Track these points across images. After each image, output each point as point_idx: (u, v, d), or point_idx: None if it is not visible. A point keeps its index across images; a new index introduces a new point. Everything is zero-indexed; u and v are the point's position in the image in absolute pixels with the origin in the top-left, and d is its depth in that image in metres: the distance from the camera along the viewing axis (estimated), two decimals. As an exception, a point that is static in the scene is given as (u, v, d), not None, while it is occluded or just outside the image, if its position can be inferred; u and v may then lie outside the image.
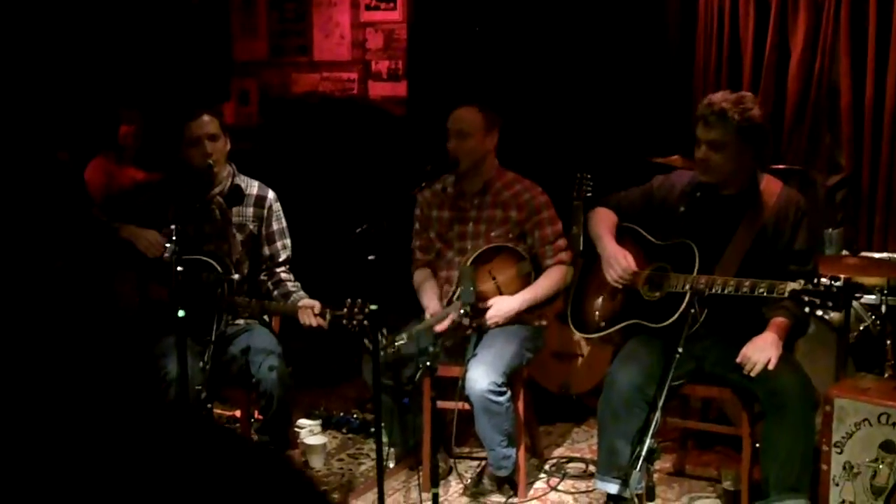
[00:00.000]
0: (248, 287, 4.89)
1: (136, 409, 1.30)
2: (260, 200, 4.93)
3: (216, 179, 4.82)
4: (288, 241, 5.01)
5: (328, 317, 4.56)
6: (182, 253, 4.04)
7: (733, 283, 4.20)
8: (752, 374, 4.25)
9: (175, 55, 7.61)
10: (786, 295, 4.06)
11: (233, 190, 4.84)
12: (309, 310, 4.60)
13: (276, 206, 4.98)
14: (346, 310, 4.49)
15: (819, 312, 4.06)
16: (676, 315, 4.27)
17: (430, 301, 4.96)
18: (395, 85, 7.57)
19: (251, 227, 4.90)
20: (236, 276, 4.77)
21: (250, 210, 4.91)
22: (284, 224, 5.01)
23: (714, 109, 4.28)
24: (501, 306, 4.79)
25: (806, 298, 4.00)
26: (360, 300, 4.46)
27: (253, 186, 4.95)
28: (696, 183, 4.50)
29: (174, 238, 4.01)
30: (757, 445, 4.42)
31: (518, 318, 4.85)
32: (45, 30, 6.88)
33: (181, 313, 3.97)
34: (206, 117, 4.76)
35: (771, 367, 4.22)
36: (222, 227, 4.82)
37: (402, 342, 4.66)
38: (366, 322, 4.43)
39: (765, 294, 4.13)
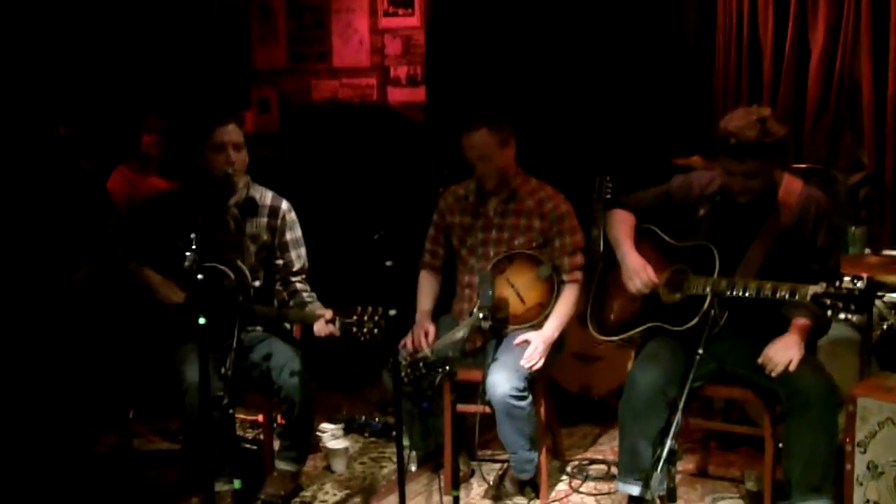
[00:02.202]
0: (264, 296, 4.90)
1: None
2: (273, 211, 4.95)
3: (234, 189, 4.84)
4: (303, 251, 5.01)
5: (338, 324, 4.56)
6: (201, 262, 4.05)
7: (755, 286, 4.18)
8: (774, 375, 4.25)
9: (196, 64, 7.64)
10: (808, 299, 4.04)
11: (247, 201, 4.85)
12: (322, 319, 4.61)
13: (291, 217, 5.00)
14: (355, 317, 4.49)
15: (842, 316, 4.02)
16: (697, 318, 4.26)
17: (420, 309, 5.04)
18: (414, 90, 7.58)
19: (265, 237, 4.91)
20: (257, 284, 4.79)
21: (264, 220, 4.92)
22: (299, 234, 5.02)
23: (743, 141, 4.17)
24: (539, 340, 4.76)
25: (828, 302, 3.98)
26: (370, 307, 4.46)
27: (267, 197, 4.97)
28: (718, 189, 4.48)
29: (194, 247, 4.02)
30: (780, 446, 4.41)
31: (540, 324, 4.86)
32: (67, 39, 6.93)
33: (202, 321, 3.99)
34: (232, 126, 4.79)
35: (792, 367, 4.22)
36: (237, 237, 4.84)
37: (423, 358, 4.65)
38: (376, 330, 4.42)
39: (787, 297, 4.12)
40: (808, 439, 4.20)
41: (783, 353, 4.25)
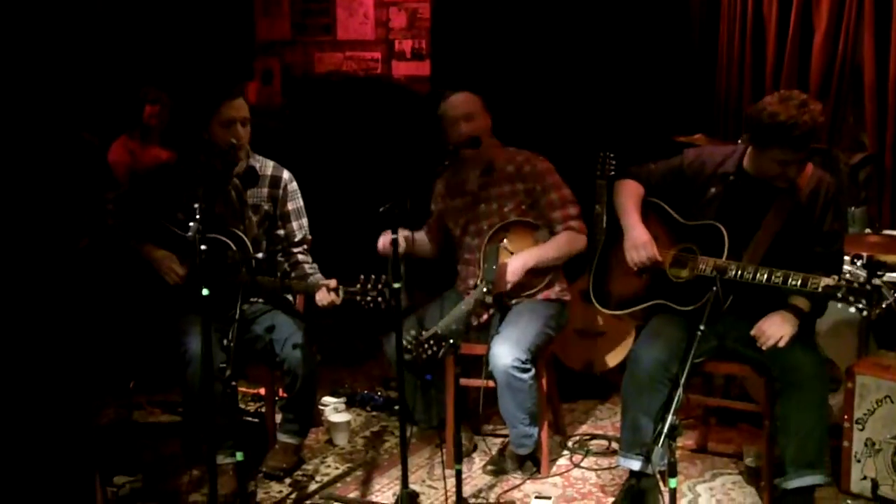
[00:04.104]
0: (267, 267, 4.91)
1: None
2: (275, 181, 4.95)
3: (237, 161, 4.84)
4: (304, 221, 5.03)
5: (341, 293, 4.59)
6: (204, 233, 4.05)
7: (765, 273, 4.18)
8: (764, 348, 4.26)
9: (199, 34, 7.62)
10: (819, 290, 4.06)
11: (248, 171, 4.85)
12: (324, 288, 4.63)
13: (292, 186, 5.00)
14: (359, 286, 4.51)
15: (852, 310, 4.04)
16: (704, 301, 4.22)
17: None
18: (419, 64, 7.58)
19: (266, 207, 4.92)
20: (260, 256, 4.80)
21: (265, 191, 4.93)
22: (300, 204, 5.03)
23: (804, 129, 4.11)
24: (513, 266, 4.77)
25: (839, 295, 4.00)
26: (373, 276, 4.47)
27: (268, 167, 4.97)
28: (733, 169, 4.45)
29: (198, 217, 4.02)
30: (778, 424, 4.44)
31: (540, 292, 4.87)
32: (69, 9, 6.90)
33: (205, 292, 4.00)
34: (240, 101, 4.78)
35: (782, 344, 4.23)
36: (239, 208, 4.85)
37: (431, 336, 4.65)
38: (380, 299, 4.45)
39: (797, 287, 4.13)
40: (801, 416, 4.22)
41: (776, 328, 4.27)
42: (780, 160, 4.24)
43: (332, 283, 4.63)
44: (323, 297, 4.63)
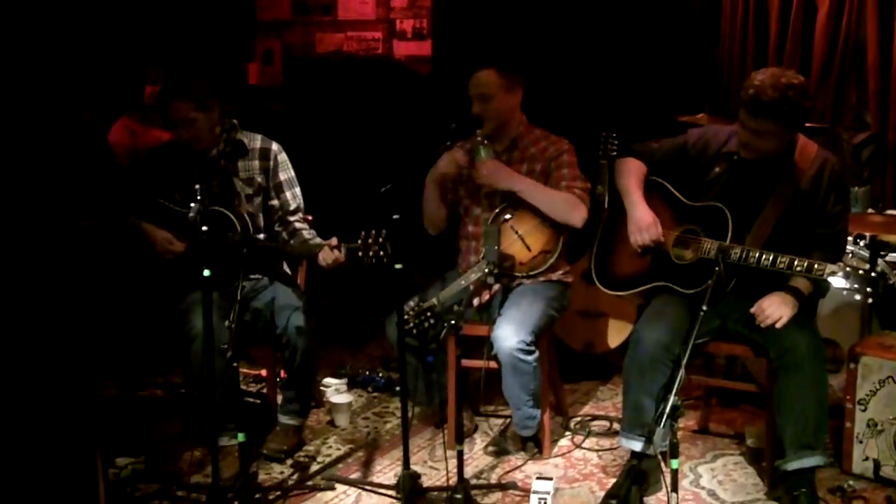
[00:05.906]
0: (266, 239, 4.91)
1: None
2: (264, 153, 4.99)
3: (204, 147, 4.86)
4: (297, 191, 5.06)
5: (343, 250, 4.57)
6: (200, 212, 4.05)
7: (770, 258, 4.17)
8: (763, 326, 4.25)
9: (199, 15, 7.60)
10: (825, 277, 4.04)
11: (234, 146, 4.86)
12: (326, 246, 4.62)
13: (282, 157, 5.04)
14: (360, 242, 4.49)
15: (857, 297, 4.02)
16: (708, 283, 4.16)
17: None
18: (420, 44, 7.56)
19: (259, 179, 4.95)
20: (261, 236, 4.80)
21: (256, 163, 4.96)
22: (292, 174, 5.06)
23: (760, 98, 4.14)
24: (498, 167, 4.81)
25: (844, 282, 3.98)
26: (374, 231, 4.45)
27: (256, 140, 5.00)
28: (736, 148, 4.42)
29: (199, 198, 4.02)
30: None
31: (542, 274, 4.85)
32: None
33: (207, 273, 4.00)
34: (177, 104, 4.78)
35: (780, 325, 4.21)
36: (228, 184, 4.86)
37: (430, 308, 4.66)
38: (381, 253, 4.42)
39: (802, 272, 4.11)
40: (797, 397, 4.20)
41: (776, 308, 4.24)
42: (740, 121, 4.27)
43: (334, 241, 4.62)
44: (326, 256, 4.62)
